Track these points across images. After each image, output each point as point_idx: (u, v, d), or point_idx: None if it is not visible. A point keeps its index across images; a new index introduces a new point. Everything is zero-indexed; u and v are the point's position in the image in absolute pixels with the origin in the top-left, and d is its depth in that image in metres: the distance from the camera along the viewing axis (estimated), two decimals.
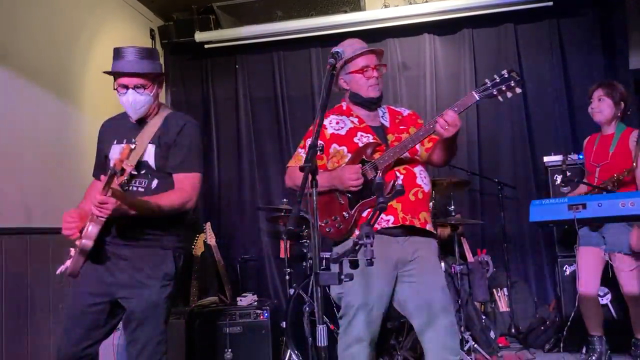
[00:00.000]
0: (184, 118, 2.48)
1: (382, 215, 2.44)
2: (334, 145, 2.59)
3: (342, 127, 2.62)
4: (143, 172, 2.35)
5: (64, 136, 3.81)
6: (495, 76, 2.29)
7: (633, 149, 3.38)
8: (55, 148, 3.69)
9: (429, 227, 2.51)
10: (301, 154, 2.67)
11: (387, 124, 2.64)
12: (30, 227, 3.35)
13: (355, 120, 2.64)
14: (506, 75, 2.21)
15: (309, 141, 2.70)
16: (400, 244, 2.44)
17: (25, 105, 3.45)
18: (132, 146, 2.23)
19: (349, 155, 2.54)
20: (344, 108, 2.70)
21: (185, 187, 2.34)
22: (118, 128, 2.48)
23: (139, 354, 2.28)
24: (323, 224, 2.52)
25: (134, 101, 2.35)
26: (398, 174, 2.47)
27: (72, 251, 2.34)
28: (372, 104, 2.64)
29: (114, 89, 2.40)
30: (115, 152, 2.38)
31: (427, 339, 2.38)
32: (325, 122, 2.67)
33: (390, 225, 2.42)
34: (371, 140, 2.55)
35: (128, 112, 2.42)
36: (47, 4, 3.72)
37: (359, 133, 2.59)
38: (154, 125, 2.41)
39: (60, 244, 3.39)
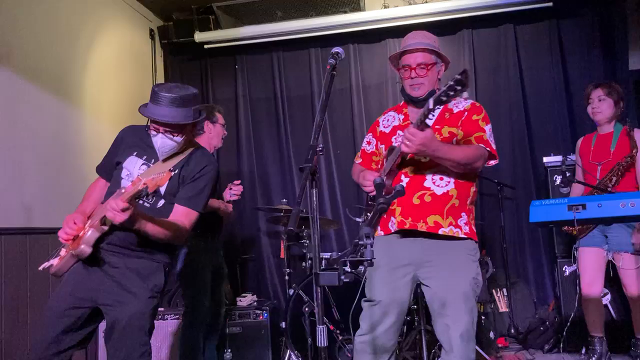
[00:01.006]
0: (208, 159, 2.50)
1: (392, 218, 2.46)
2: (378, 144, 2.65)
3: (389, 125, 2.64)
4: (146, 194, 2.36)
5: (64, 136, 3.81)
6: (452, 78, 2.11)
7: (629, 137, 3.40)
8: (54, 148, 3.69)
9: (443, 230, 2.39)
10: (361, 150, 2.78)
11: (431, 122, 2.48)
12: (29, 227, 3.35)
13: (402, 117, 2.62)
14: (458, 77, 2.05)
15: (366, 137, 2.74)
16: (415, 245, 2.43)
17: (25, 105, 3.45)
18: (173, 173, 2.21)
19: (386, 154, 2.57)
20: (400, 104, 2.71)
21: (185, 222, 2.36)
22: (142, 143, 2.47)
23: None
24: (363, 219, 2.62)
25: (162, 144, 2.36)
26: (403, 177, 2.45)
27: (63, 251, 2.34)
28: (415, 102, 2.56)
29: (145, 129, 2.40)
30: (132, 164, 2.40)
31: (442, 341, 2.40)
32: (380, 118, 2.73)
33: (395, 229, 2.44)
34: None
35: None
36: (48, 4, 3.72)
37: (399, 132, 2.56)
38: (179, 157, 2.44)
39: (59, 245, 3.40)
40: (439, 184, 2.43)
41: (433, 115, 2.50)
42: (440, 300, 2.37)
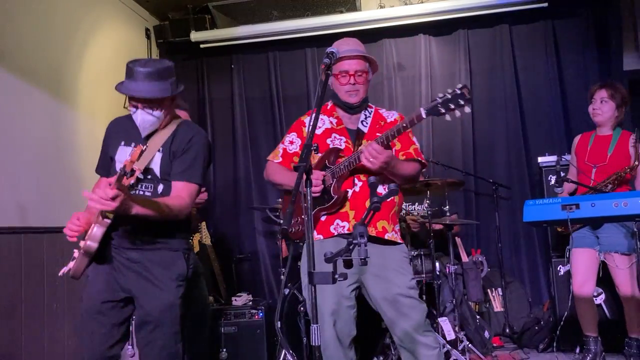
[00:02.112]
0: (194, 129, 2.48)
1: (338, 221, 2.50)
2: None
3: (320, 127, 2.65)
4: (149, 177, 2.36)
5: (59, 135, 3.80)
6: (448, 91, 2.16)
7: (633, 149, 3.39)
8: (49, 147, 3.68)
9: (388, 235, 2.50)
10: (279, 148, 2.75)
11: (365, 129, 2.61)
12: (24, 227, 3.34)
13: (334, 121, 2.67)
14: (458, 92, 2.09)
15: (288, 137, 2.74)
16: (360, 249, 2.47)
17: (20, 105, 3.44)
18: (144, 147, 2.19)
19: (319, 155, 2.58)
20: (328, 107, 2.73)
21: (183, 195, 2.33)
22: (127, 130, 2.45)
23: (157, 356, 2.28)
24: (292, 222, 2.58)
25: (142, 120, 2.33)
26: (357, 180, 2.50)
27: (76, 252, 2.33)
28: (349, 109, 2.64)
29: (124, 106, 2.37)
30: (122, 154, 2.38)
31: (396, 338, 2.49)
32: (306, 119, 2.74)
33: (345, 232, 2.47)
34: (341, 145, 2.57)
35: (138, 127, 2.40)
36: (43, 3, 3.71)
37: (334, 134, 2.62)
38: (164, 134, 2.40)
39: (55, 244, 3.40)
40: (387, 189, 2.49)
41: (367, 123, 2.61)
42: (387, 300, 2.43)
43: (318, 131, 2.64)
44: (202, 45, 5.24)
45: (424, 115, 2.19)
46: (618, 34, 4.70)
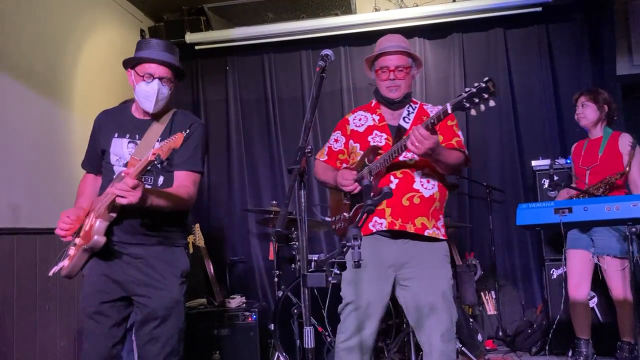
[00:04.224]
0: (191, 118, 2.48)
1: (376, 218, 2.47)
2: (351, 142, 2.63)
3: (363, 124, 2.64)
4: (149, 168, 2.34)
5: (53, 136, 3.79)
6: (474, 85, 2.10)
7: (625, 153, 3.43)
8: (43, 148, 3.66)
9: (428, 232, 2.45)
10: (325, 147, 2.78)
11: (407, 125, 2.55)
12: (17, 228, 3.32)
13: (377, 118, 2.64)
14: (483, 86, 2.05)
15: (333, 135, 2.75)
16: (398, 247, 2.45)
17: (14, 105, 3.42)
18: (185, 133, 2.11)
19: (361, 153, 2.57)
20: (372, 105, 2.72)
21: (188, 184, 2.33)
22: (120, 122, 2.43)
23: (160, 352, 2.27)
24: (334, 220, 2.62)
25: (159, 92, 2.29)
26: (393, 178, 2.46)
27: (72, 250, 2.29)
28: (391, 104, 2.61)
29: (141, 76, 2.31)
30: (118, 146, 2.35)
31: (422, 342, 2.43)
32: (350, 117, 2.73)
33: (383, 228, 2.44)
34: (381, 142, 2.54)
35: (144, 104, 2.33)
36: (38, 4, 3.69)
37: (375, 132, 2.59)
38: (161, 124, 2.38)
39: (48, 245, 3.39)
40: (426, 187, 2.47)
41: (409, 119, 2.57)
42: (421, 300, 2.40)
43: (360, 129, 2.63)
44: (197, 47, 5.22)
45: (449, 111, 2.16)
46: (611, 39, 4.73)
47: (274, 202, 4.49)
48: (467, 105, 2.09)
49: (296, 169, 1.74)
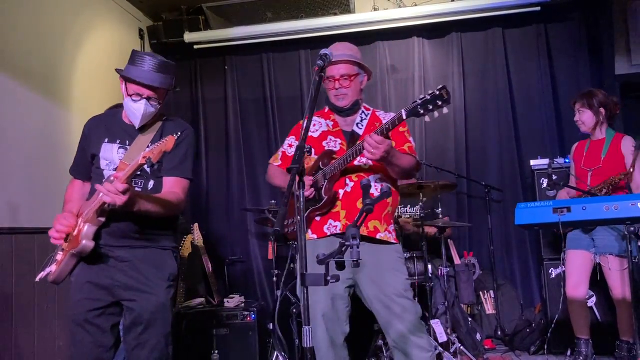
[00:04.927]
0: (182, 125, 2.48)
1: (331, 221, 2.53)
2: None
3: (317, 130, 2.71)
4: (139, 173, 2.33)
5: (51, 136, 3.78)
6: (428, 92, 2.22)
7: (628, 155, 3.43)
8: (42, 148, 3.66)
9: (380, 235, 2.52)
10: (279, 151, 2.81)
11: (360, 131, 2.65)
12: (15, 228, 3.32)
13: (331, 124, 2.71)
14: (437, 93, 2.16)
15: (287, 140, 2.79)
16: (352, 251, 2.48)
17: (13, 105, 3.42)
18: (176, 137, 2.11)
19: (316, 157, 2.62)
20: (325, 111, 2.78)
21: (177, 190, 2.32)
22: (110, 127, 2.42)
23: (148, 357, 2.25)
24: (286, 224, 2.63)
25: (145, 112, 2.30)
26: (348, 181, 2.53)
27: (59, 256, 2.27)
28: (339, 112, 2.69)
29: (129, 94, 2.30)
30: (108, 151, 2.35)
31: (390, 341, 2.50)
32: (304, 123, 2.72)
33: (338, 231, 2.50)
34: (336, 147, 2.61)
35: (132, 118, 2.35)
36: (36, 3, 3.69)
37: (330, 137, 2.66)
38: (152, 130, 2.39)
39: (46, 245, 3.37)
40: (380, 191, 2.51)
41: (362, 126, 2.65)
42: (381, 300, 2.44)
43: (315, 134, 2.68)
44: (195, 47, 5.22)
45: (404, 117, 2.27)
46: (610, 38, 4.72)
47: (273, 201, 4.49)
48: (422, 111, 2.19)
49: (295, 168, 1.75)
